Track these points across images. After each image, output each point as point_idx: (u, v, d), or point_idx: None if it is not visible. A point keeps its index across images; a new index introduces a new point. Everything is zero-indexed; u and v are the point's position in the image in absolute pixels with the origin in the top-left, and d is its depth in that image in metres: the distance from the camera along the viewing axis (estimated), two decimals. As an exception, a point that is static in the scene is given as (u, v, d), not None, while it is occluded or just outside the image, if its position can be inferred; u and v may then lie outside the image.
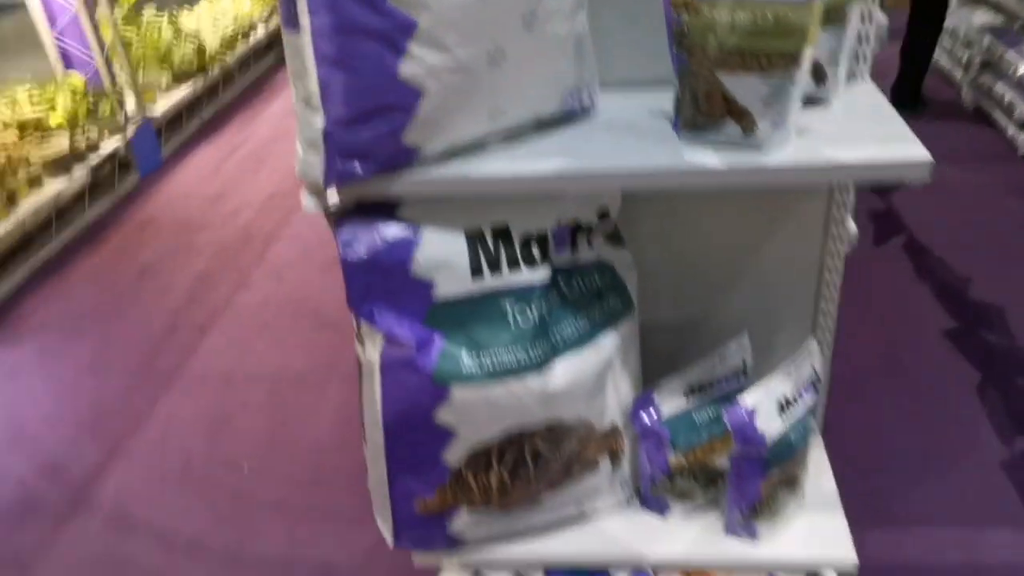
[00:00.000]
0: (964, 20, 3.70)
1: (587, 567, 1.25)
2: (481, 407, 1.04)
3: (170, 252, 3.20)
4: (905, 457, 1.94)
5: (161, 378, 2.49)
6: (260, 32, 5.13)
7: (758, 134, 0.89)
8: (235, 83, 4.82)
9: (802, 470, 1.20)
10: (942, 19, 3.46)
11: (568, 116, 1.02)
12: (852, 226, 1.26)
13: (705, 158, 0.89)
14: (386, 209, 0.98)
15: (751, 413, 1.08)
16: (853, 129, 0.93)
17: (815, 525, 1.22)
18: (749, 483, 1.14)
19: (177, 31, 4.33)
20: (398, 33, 0.85)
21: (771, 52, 0.84)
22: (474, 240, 0.99)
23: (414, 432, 1.07)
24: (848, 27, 0.97)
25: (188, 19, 4.58)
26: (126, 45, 3.88)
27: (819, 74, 0.98)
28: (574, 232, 1.05)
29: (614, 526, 1.24)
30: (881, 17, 1.06)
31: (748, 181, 0.88)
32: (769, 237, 1.18)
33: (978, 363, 2.21)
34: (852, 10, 0.97)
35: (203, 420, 2.31)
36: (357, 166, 0.91)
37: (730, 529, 1.20)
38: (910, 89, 3.57)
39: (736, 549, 1.19)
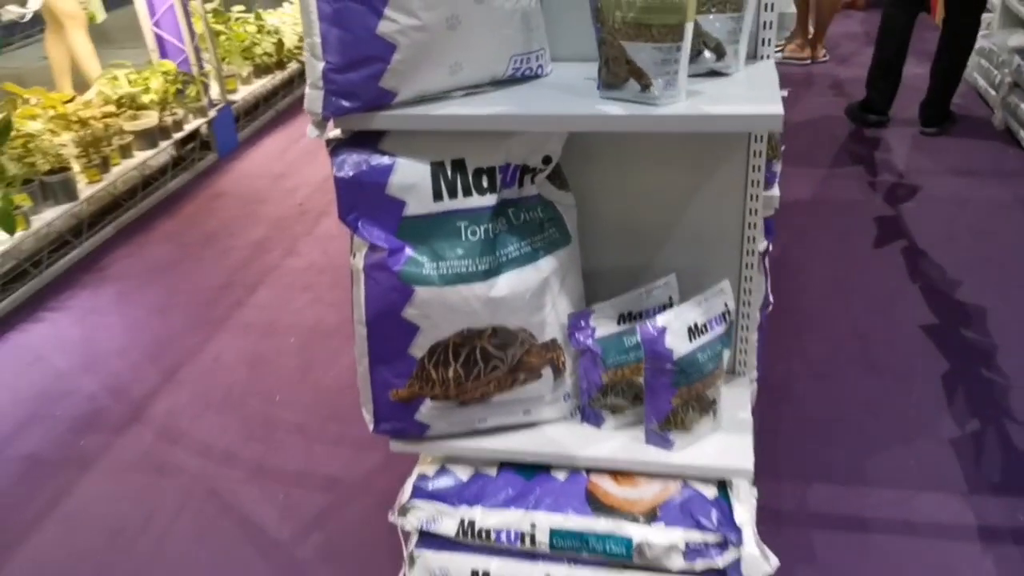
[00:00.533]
0: (1000, 41, 3.79)
1: (532, 463, 1.48)
2: (438, 306, 1.30)
3: (235, 221, 3.57)
4: (859, 429, 2.11)
5: (214, 323, 2.83)
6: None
7: (653, 91, 1.12)
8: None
9: (714, 393, 1.41)
10: (970, 42, 3.58)
11: (521, 78, 1.27)
12: (775, 191, 1.48)
13: (611, 108, 1.13)
14: (370, 141, 1.25)
15: (661, 331, 1.30)
16: (737, 94, 1.15)
17: (725, 444, 1.42)
18: (660, 395, 1.36)
19: (260, 28, 4.76)
20: (378, 1, 1.12)
21: (660, 25, 1.08)
22: (436, 169, 1.25)
23: (388, 326, 1.33)
24: (746, 13, 1.20)
25: (271, 18, 5.01)
26: (214, 37, 4.30)
27: (719, 51, 1.21)
28: (521, 171, 1.30)
29: (557, 432, 1.47)
30: (786, 7, 1.28)
31: (641, 127, 1.12)
32: (698, 191, 1.41)
33: (949, 355, 2.35)
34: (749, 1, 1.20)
35: (245, 358, 2.63)
36: (345, 102, 1.18)
37: (649, 438, 1.43)
38: (938, 107, 3.69)
39: (653, 455, 1.41)
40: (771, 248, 2.80)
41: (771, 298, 2.54)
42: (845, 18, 5.46)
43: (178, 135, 3.89)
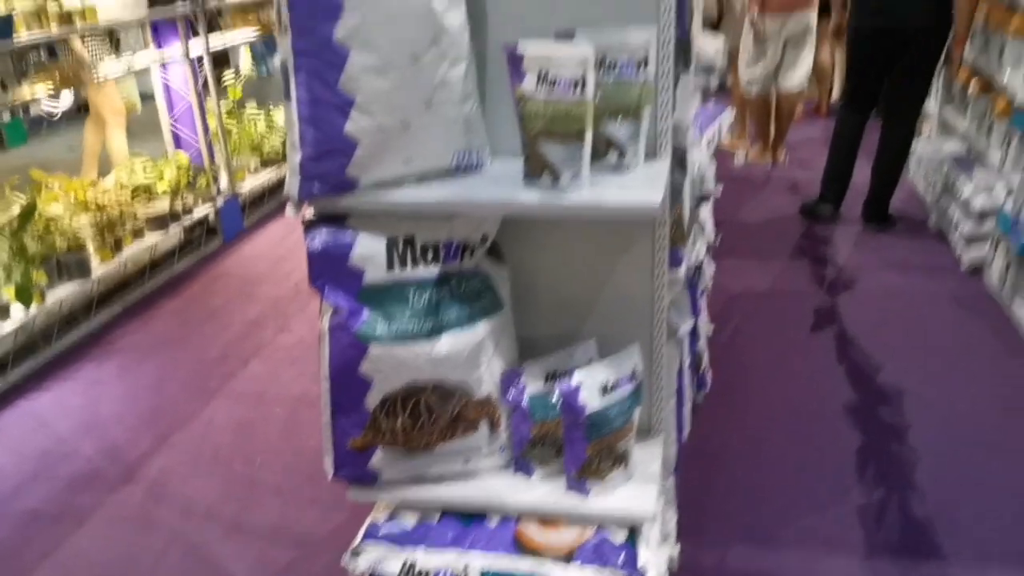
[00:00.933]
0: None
1: (470, 510, 1.67)
2: (389, 362, 1.52)
3: (235, 299, 3.83)
4: (781, 495, 2.29)
5: (207, 393, 3.04)
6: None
7: (562, 183, 1.38)
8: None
9: (624, 446, 1.60)
10: (904, 148, 3.90)
11: (463, 169, 1.54)
12: (681, 272, 1.73)
13: (528, 196, 1.39)
14: (337, 220, 1.51)
15: (576, 388, 1.52)
16: (631, 186, 1.41)
17: (634, 493, 1.60)
18: (576, 446, 1.56)
19: (270, 124, 5.15)
20: (345, 105, 1.40)
21: (565, 131, 1.35)
22: (391, 244, 1.50)
23: (346, 380, 1.55)
24: (643, 120, 1.48)
25: (281, 115, 5.41)
26: (226, 133, 4.67)
27: (621, 151, 1.48)
28: (463, 247, 1.55)
29: (492, 481, 1.67)
30: (682, 117, 1.56)
31: (551, 212, 1.37)
32: (613, 268, 1.65)
33: (867, 431, 2.55)
34: (645, 110, 1.47)
35: (233, 425, 2.84)
36: (317, 187, 1.45)
37: (568, 486, 1.62)
38: (878, 207, 3.99)
39: (572, 502, 1.60)
40: (710, 332, 3.05)
41: (709, 377, 2.78)
42: (810, 124, 5.84)
43: (187, 220, 4.20)
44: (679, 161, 2.14)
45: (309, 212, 1.54)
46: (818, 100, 5.81)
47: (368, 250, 1.50)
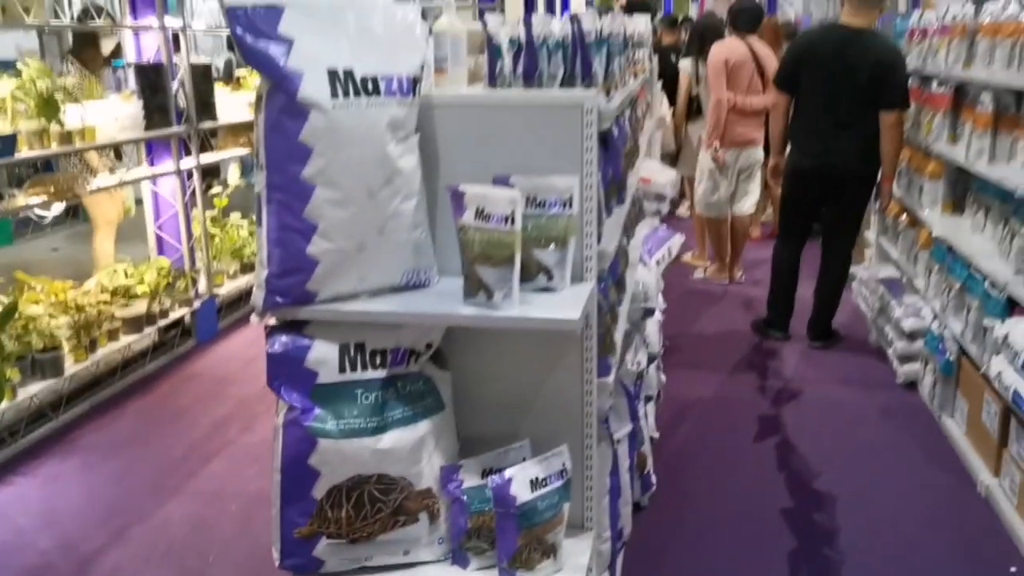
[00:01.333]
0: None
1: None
2: (336, 455, 1.68)
3: (203, 399, 3.95)
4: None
5: (166, 491, 3.14)
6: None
7: (495, 300, 1.60)
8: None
9: (554, 538, 1.76)
10: (842, 272, 4.22)
11: (412, 286, 1.75)
12: (609, 379, 1.92)
13: (466, 311, 1.60)
14: (296, 327, 1.70)
15: (508, 481, 1.69)
16: (556, 305, 1.63)
17: (563, 584, 1.75)
18: (507, 536, 1.71)
19: (252, 232, 5.39)
20: (308, 231, 1.62)
21: (498, 256, 1.58)
22: (343, 350, 1.69)
23: (296, 471, 1.71)
24: (569, 249, 1.71)
25: (261, 226, 5.66)
26: (209, 239, 4.90)
27: (549, 274, 1.71)
28: (409, 353, 1.75)
29: (431, 573, 1.80)
30: (607, 247, 1.79)
31: (486, 324, 1.59)
32: (547, 375, 1.85)
33: (800, 534, 2.71)
34: (571, 239, 1.71)
35: (189, 522, 2.92)
36: (280, 299, 1.65)
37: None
38: (821, 325, 4.27)
39: (504, 593, 1.74)
40: (655, 435, 3.23)
41: (653, 479, 2.93)
42: (767, 245, 6.20)
43: (163, 322, 4.36)
44: (617, 281, 2.39)
45: (271, 319, 1.73)
46: (775, 225, 6.18)
47: (322, 354, 1.69)
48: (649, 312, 2.90)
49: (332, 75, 1.56)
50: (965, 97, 3.38)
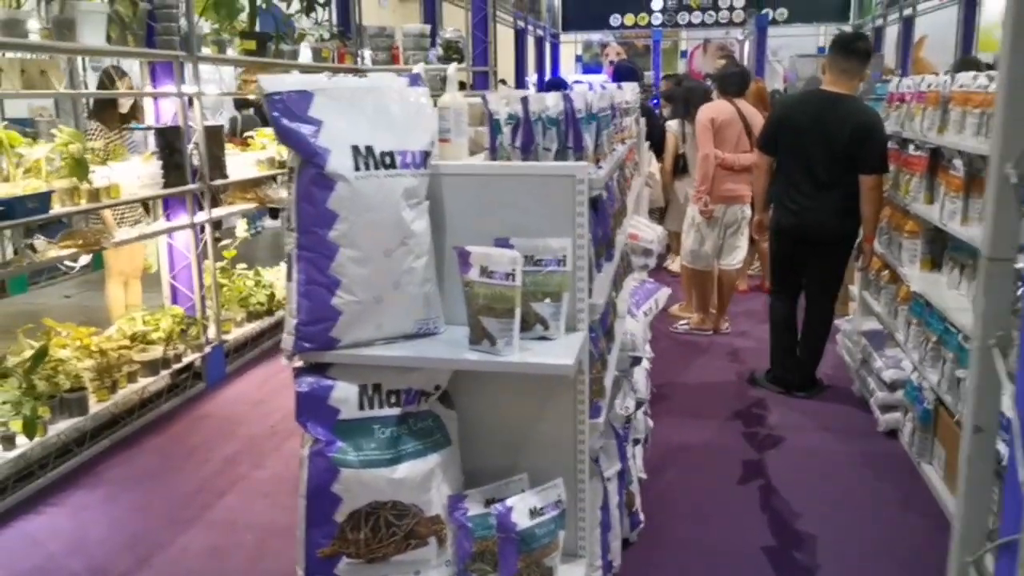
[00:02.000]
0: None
1: (417, 617, 1.99)
2: (356, 484, 1.89)
3: (215, 438, 4.14)
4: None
5: (184, 522, 3.32)
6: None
7: (498, 347, 1.82)
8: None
9: (551, 563, 1.95)
10: (824, 325, 4.42)
11: (423, 334, 1.98)
12: (600, 419, 2.14)
13: (471, 356, 1.83)
14: (320, 369, 1.93)
15: (510, 509, 1.89)
16: (552, 352, 1.86)
17: (561, 605, 1.95)
18: (508, 560, 1.91)
19: (258, 282, 5.64)
20: (333, 285, 1.85)
21: (500, 308, 1.81)
22: (362, 390, 1.91)
23: (320, 498, 1.91)
24: (563, 302, 1.94)
25: (269, 273, 5.91)
26: (219, 288, 5.14)
27: (545, 324, 1.93)
28: (419, 394, 1.97)
29: (438, 593, 2.00)
30: (596, 303, 2.02)
31: (489, 368, 1.81)
32: (543, 415, 2.06)
33: (780, 572, 2.87)
34: (565, 293, 1.94)
35: (206, 551, 3.10)
36: (307, 345, 1.87)
37: (503, 597, 1.95)
38: (806, 375, 4.47)
39: (507, 611, 1.93)
40: (643, 475, 3.41)
41: (641, 517, 3.12)
42: (754, 299, 6.43)
43: (176, 366, 4.57)
44: (606, 331, 2.61)
45: (298, 362, 1.96)
46: (762, 278, 6.43)
47: (344, 393, 1.91)
48: (636, 360, 3.11)
49: (355, 151, 1.81)
50: (940, 160, 3.64)
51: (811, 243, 4.29)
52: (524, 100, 1.99)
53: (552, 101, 1.96)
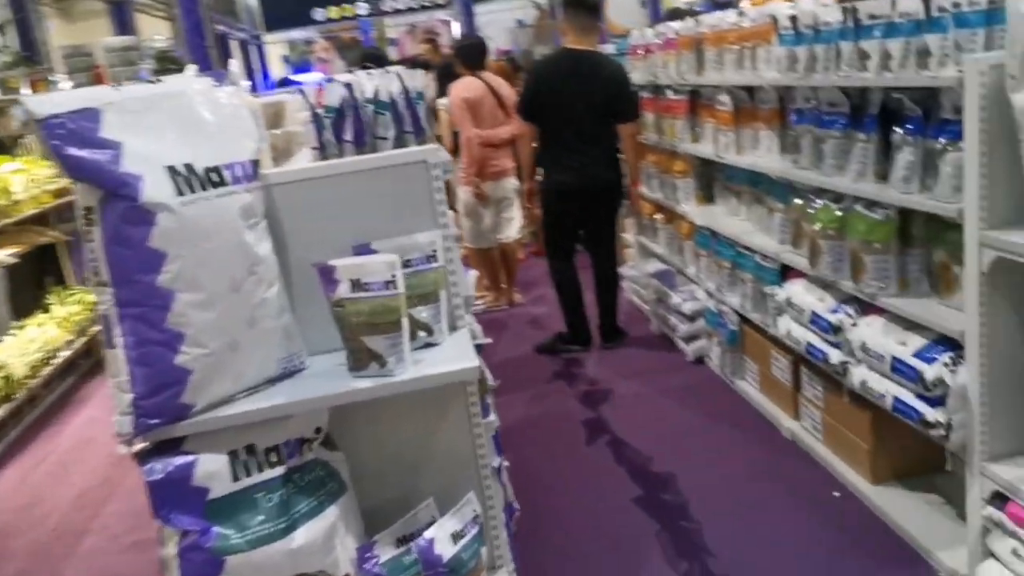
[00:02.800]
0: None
1: None
2: (248, 569, 1.57)
3: (-16, 564, 3.39)
4: None
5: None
6: (67, 353, 5.52)
7: (390, 367, 1.59)
8: (41, 402, 5.11)
9: (482, 581, 1.78)
10: (612, 274, 4.60)
11: (289, 373, 1.68)
12: (492, 417, 1.97)
13: (363, 383, 1.58)
14: (173, 446, 1.56)
15: (431, 542, 1.68)
16: (447, 357, 1.66)
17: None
18: (440, 593, 1.70)
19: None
20: (174, 341, 1.50)
21: (384, 322, 1.57)
22: (232, 456, 1.58)
23: (205, 599, 1.56)
24: (441, 303, 1.74)
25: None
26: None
27: (429, 330, 1.73)
28: (301, 443, 1.67)
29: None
30: (466, 291, 1.85)
31: (388, 392, 1.57)
32: (436, 429, 1.85)
33: (653, 514, 2.93)
34: (441, 292, 1.74)
35: None
36: (153, 422, 1.51)
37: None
38: (609, 326, 4.63)
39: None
40: (506, 463, 3.31)
41: (516, 504, 3.01)
42: (532, 265, 6.56)
43: (-94, 488, 3.67)
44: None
45: (140, 444, 1.58)
46: (537, 244, 6.56)
47: (211, 467, 1.57)
48: (480, 347, 2.98)
49: (172, 172, 1.48)
50: (699, 99, 3.86)
51: (589, 198, 4.41)
52: (348, 86, 1.74)
53: (382, 83, 1.74)
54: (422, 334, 1.72)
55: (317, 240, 1.72)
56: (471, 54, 5.43)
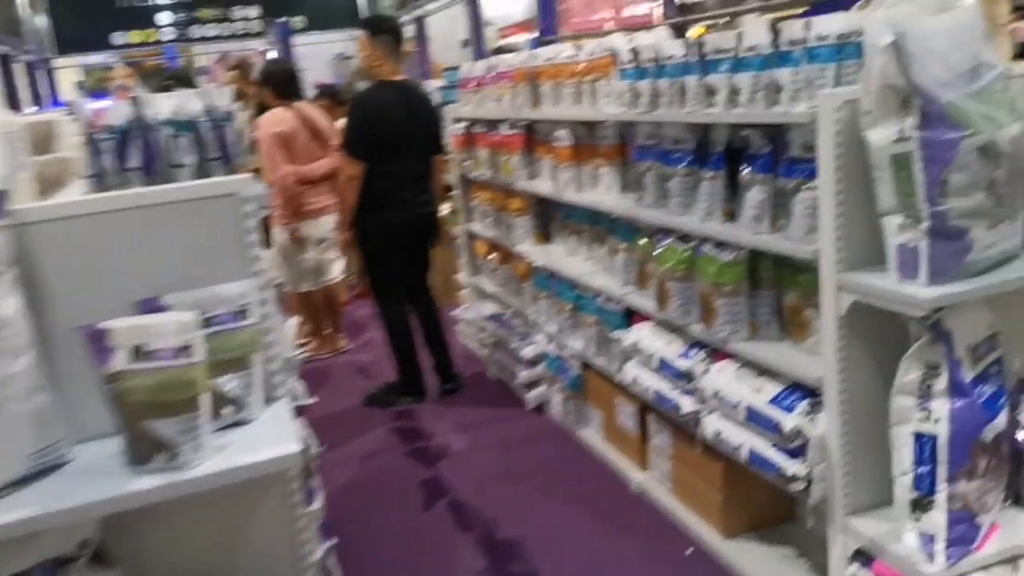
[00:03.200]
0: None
1: None
2: None
3: None
4: None
5: None
6: None
7: (182, 458, 1.22)
8: None
9: None
10: (434, 317, 4.35)
11: (45, 470, 1.27)
12: (317, 503, 1.63)
13: (142, 483, 1.20)
14: None
15: None
16: (261, 439, 1.31)
17: None
18: None
19: None
20: None
21: (176, 400, 1.21)
22: (-44, 593, 1.15)
23: None
24: (254, 369, 1.40)
25: None
26: None
27: (238, 404, 1.38)
28: (59, 565, 1.26)
29: None
30: (288, 352, 1.51)
31: (176, 494, 1.20)
32: (248, 526, 1.49)
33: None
34: (254, 358, 1.40)
35: None
36: None
37: None
38: (444, 371, 4.35)
39: None
40: (334, 541, 2.92)
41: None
42: (357, 307, 6.17)
43: None
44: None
45: None
46: (362, 285, 6.16)
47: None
48: (300, 410, 2.62)
49: None
50: (535, 135, 3.71)
51: (421, 234, 4.20)
52: (135, 101, 1.38)
53: (181, 101, 1.39)
54: (229, 410, 1.37)
55: (90, 295, 1.33)
56: (281, 81, 4.99)
